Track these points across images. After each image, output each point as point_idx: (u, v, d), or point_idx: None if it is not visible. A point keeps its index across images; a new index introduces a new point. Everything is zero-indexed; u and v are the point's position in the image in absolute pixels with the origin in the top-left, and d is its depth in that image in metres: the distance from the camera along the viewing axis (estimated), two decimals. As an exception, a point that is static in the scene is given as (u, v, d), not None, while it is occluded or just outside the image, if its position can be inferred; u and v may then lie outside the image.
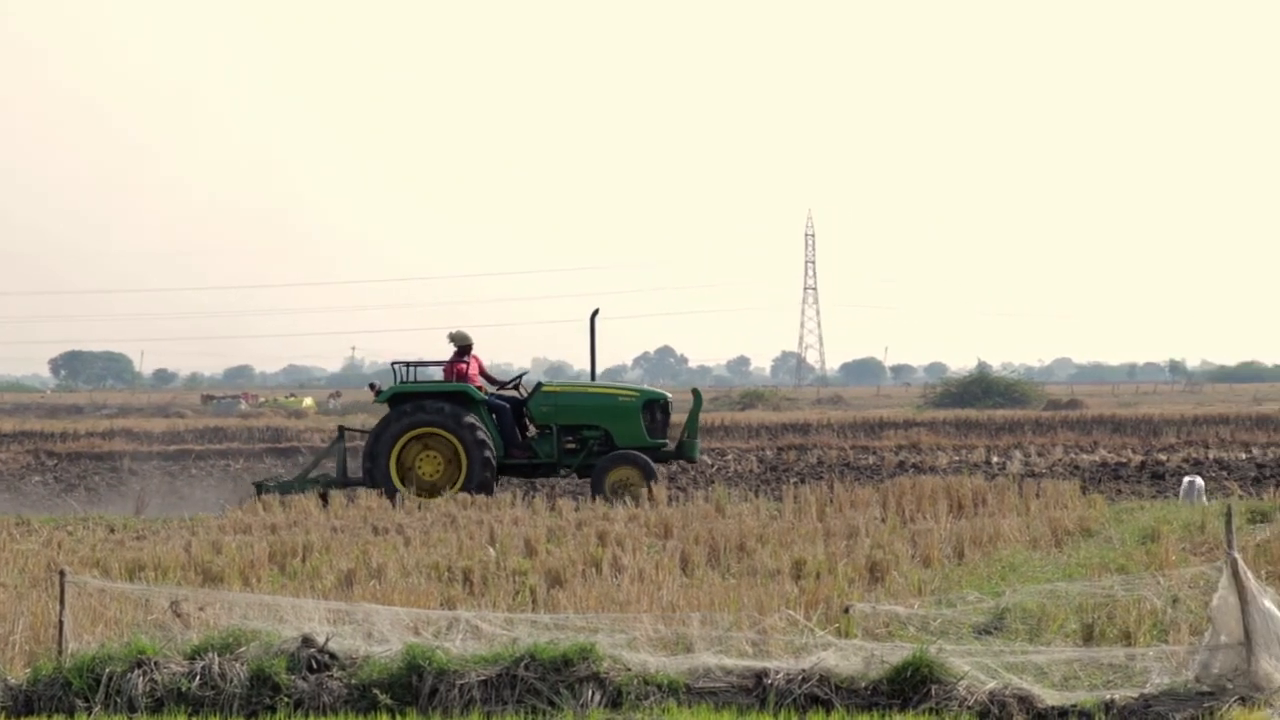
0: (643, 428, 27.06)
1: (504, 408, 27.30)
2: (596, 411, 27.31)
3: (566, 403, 27.55)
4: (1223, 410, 62.66)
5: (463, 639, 11.59)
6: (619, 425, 27.08)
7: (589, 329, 28.07)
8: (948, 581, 15.11)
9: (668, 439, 27.62)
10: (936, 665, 10.47)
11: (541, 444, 27.24)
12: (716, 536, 18.27)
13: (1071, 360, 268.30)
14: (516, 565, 16.46)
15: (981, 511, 21.72)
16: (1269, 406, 66.90)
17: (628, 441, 26.93)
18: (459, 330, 27.73)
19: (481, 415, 26.77)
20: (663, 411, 27.63)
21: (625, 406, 27.29)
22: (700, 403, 28.74)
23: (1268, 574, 14.21)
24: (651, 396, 27.74)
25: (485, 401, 27.06)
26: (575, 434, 27.32)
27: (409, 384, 27.38)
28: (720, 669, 10.77)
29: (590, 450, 27.06)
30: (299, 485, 27.29)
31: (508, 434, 27.10)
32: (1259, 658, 9.68)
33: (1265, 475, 31.36)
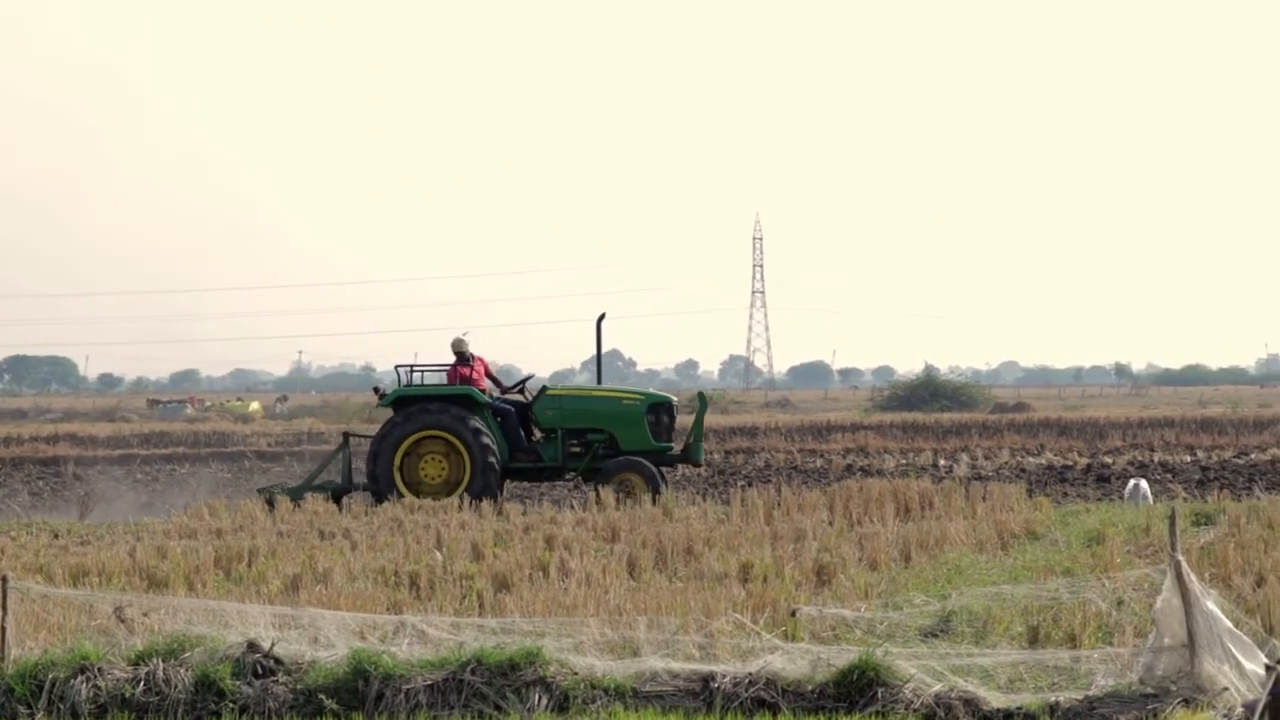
0: (647, 431, 26.97)
1: (509, 411, 27.18)
2: (601, 415, 27.18)
3: (571, 406, 27.35)
4: (1168, 413, 63.08)
5: (409, 643, 11.56)
6: (624, 429, 26.98)
7: (595, 333, 27.98)
8: (894, 584, 15.15)
9: (673, 442, 27.61)
10: (883, 668, 10.49)
11: (546, 448, 27.09)
12: (664, 540, 18.26)
13: (1018, 364, 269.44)
14: (463, 569, 16.41)
15: (928, 514, 21.77)
16: (1213, 410, 67.35)
17: (632, 445, 26.83)
18: (457, 337, 27.71)
19: (486, 419, 26.64)
20: (668, 415, 27.56)
21: (630, 410, 27.19)
22: (705, 406, 28.63)
23: (1211, 576, 14.29)
24: (656, 400, 27.71)
25: (490, 405, 26.94)
26: (580, 438, 27.12)
27: (413, 387, 27.24)
28: (667, 672, 10.77)
29: (595, 454, 26.88)
30: (305, 491, 27.16)
31: (512, 438, 26.96)
32: (1202, 659, 9.72)
33: (1209, 478, 31.54)
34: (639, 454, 26.54)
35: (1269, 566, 14.82)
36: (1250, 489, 27.99)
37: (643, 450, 26.66)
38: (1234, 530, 18.61)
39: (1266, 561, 15.14)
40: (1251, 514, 20.20)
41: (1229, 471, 33.41)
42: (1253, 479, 31.04)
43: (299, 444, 50.62)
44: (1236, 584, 14.03)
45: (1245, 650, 9.70)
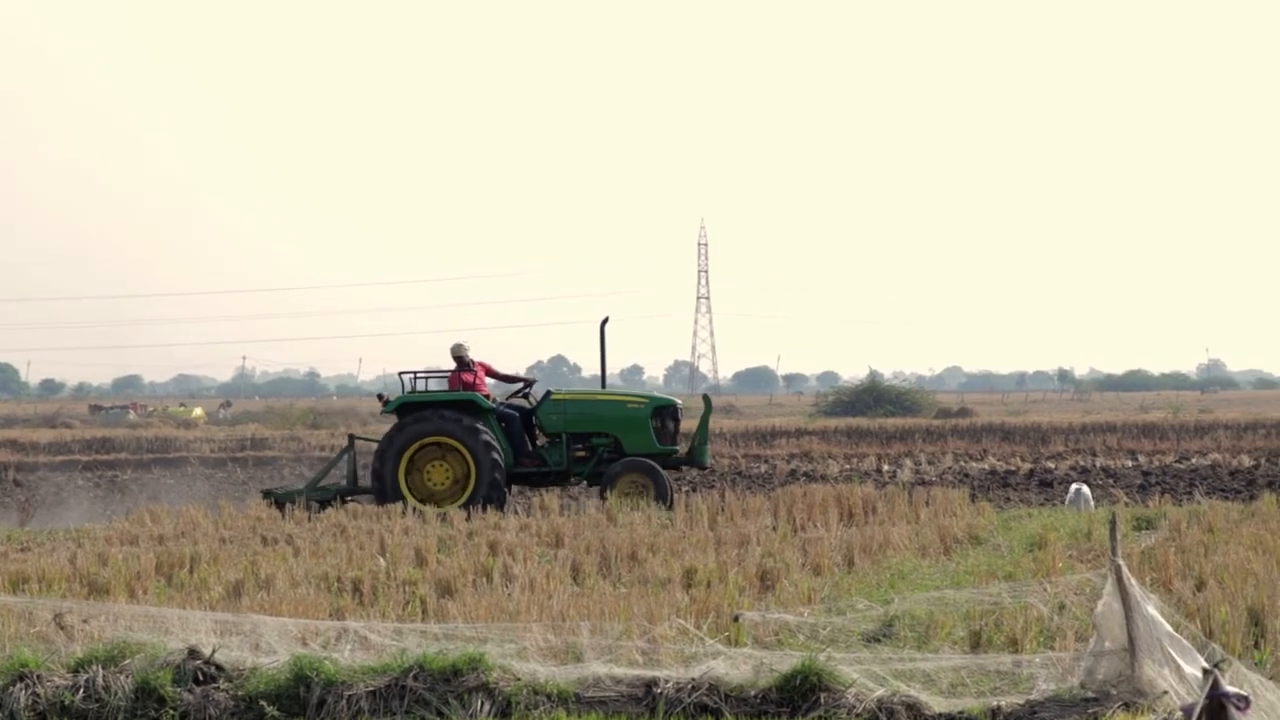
0: (652, 435, 26.98)
1: (513, 416, 27.16)
2: (606, 419, 27.15)
3: (576, 411, 27.32)
4: (1110, 418, 63.35)
5: (351, 649, 11.51)
6: (628, 433, 26.97)
7: (599, 337, 27.95)
8: (838, 589, 15.16)
9: (677, 446, 27.59)
10: (825, 673, 10.50)
11: (551, 452, 27.10)
12: (608, 545, 18.25)
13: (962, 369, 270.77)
14: (407, 575, 16.36)
15: (872, 520, 21.82)
16: (1155, 415, 67.66)
17: (637, 449, 26.82)
18: (456, 343, 27.68)
19: (490, 424, 26.60)
20: (672, 418, 27.56)
21: (634, 414, 27.17)
22: (710, 409, 28.64)
23: (1152, 581, 14.37)
24: (661, 403, 27.69)
25: (494, 410, 26.93)
26: (585, 442, 27.15)
27: (417, 393, 27.24)
28: (610, 678, 10.75)
29: (600, 458, 26.91)
30: (308, 494, 27.07)
31: (517, 443, 26.96)
32: (1142, 663, 9.76)
33: (1151, 483, 31.70)
34: (644, 457, 26.57)
35: (1209, 571, 14.91)
36: (1191, 494, 28.16)
37: (648, 454, 26.68)
38: (1175, 535, 18.72)
39: (1207, 566, 15.23)
40: (1192, 518, 20.33)
41: (1170, 476, 33.58)
42: (1193, 484, 31.22)
43: (242, 450, 50.40)
44: (1177, 588, 14.12)
45: (1185, 654, 9.74)
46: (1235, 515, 20.62)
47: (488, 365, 27.88)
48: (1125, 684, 9.88)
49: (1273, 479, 31.59)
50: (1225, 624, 12.07)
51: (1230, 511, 21.06)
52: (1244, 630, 12.05)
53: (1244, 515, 20.72)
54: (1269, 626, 12.15)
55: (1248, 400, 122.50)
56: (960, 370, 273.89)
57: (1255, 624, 12.39)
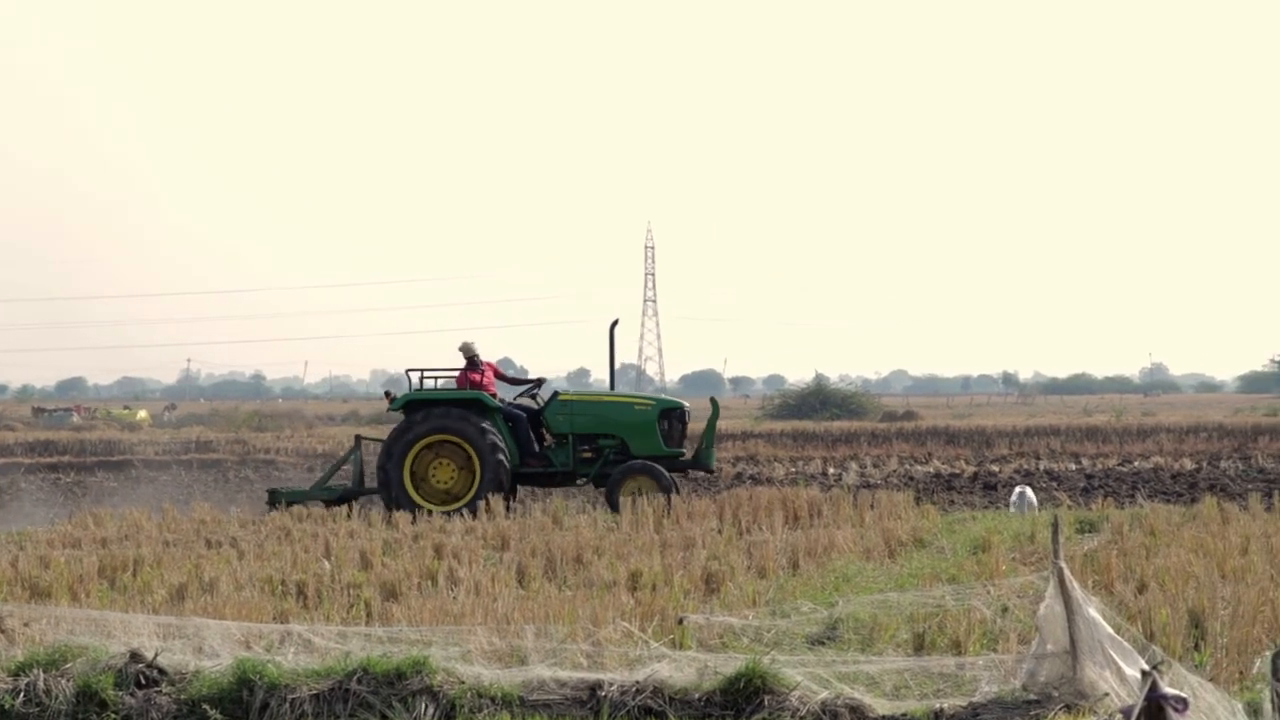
0: (659, 437, 26.99)
1: (520, 416, 27.15)
2: (613, 421, 27.15)
3: (582, 412, 27.32)
4: (1054, 422, 63.68)
5: (295, 653, 11.47)
6: (635, 435, 26.99)
7: (609, 339, 27.89)
8: (782, 592, 15.19)
9: (684, 448, 27.60)
10: (769, 675, 10.51)
11: (557, 453, 27.09)
12: (553, 548, 18.25)
13: (907, 372, 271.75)
14: (351, 578, 16.33)
15: (817, 522, 21.88)
16: (1098, 418, 68.08)
17: (643, 451, 26.84)
18: (466, 342, 27.61)
19: (497, 423, 26.60)
20: (679, 420, 27.55)
21: (641, 416, 27.18)
22: (718, 412, 28.65)
23: (1094, 583, 14.46)
24: (668, 405, 27.70)
25: (501, 409, 26.91)
26: (591, 443, 27.17)
27: (423, 391, 27.14)
28: (554, 681, 10.74)
29: (606, 459, 26.93)
30: (315, 494, 27.04)
31: (523, 442, 26.95)
32: (1083, 665, 9.81)
33: (1094, 486, 31.85)
34: (650, 460, 26.58)
35: (1150, 573, 15.00)
36: (1133, 497, 28.31)
37: (654, 456, 26.70)
38: (1117, 537, 18.83)
39: (1148, 568, 15.32)
40: (1134, 521, 20.47)
41: (1113, 479, 33.74)
42: (1136, 487, 31.38)
43: (187, 452, 50.15)
44: (1119, 590, 14.20)
45: (1126, 656, 9.80)
46: (1177, 518, 20.76)
47: (496, 367, 27.86)
48: (1067, 686, 9.93)
49: (1214, 482, 31.78)
50: (1166, 626, 12.14)
51: (1172, 515, 21.21)
52: (1184, 632, 12.13)
53: (1185, 518, 20.87)
54: (1209, 629, 12.23)
55: (1189, 404, 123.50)
56: (906, 374, 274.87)
57: (1196, 626, 12.47)
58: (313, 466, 44.47)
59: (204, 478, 41.47)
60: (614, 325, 28.05)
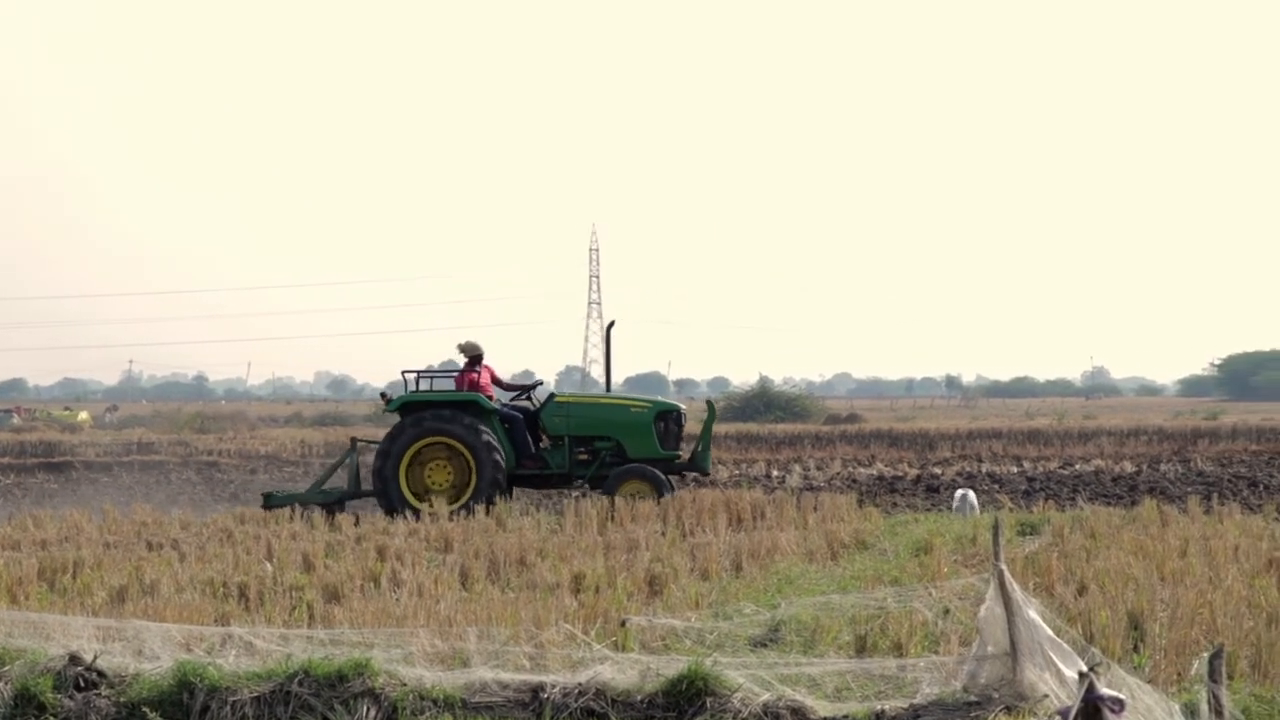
0: (655, 439, 26.96)
1: (516, 418, 27.07)
2: (609, 423, 27.10)
3: (579, 414, 27.24)
4: (996, 425, 63.96)
5: (236, 655, 11.42)
6: (631, 437, 26.96)
7: (605, 341, 27.81)
8: (725, 594, 15.21)
9: (680, 451, 27.58)
10: (712, 677, 10.51)
11: (554, 455, 27.02)
12: (496, 550, 18.23)
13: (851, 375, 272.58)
14: (294, 580, 16.28)
15: (760, 525, 21.92)
16: (1040, 421, 68.39)
17: (640, 453, 26.82)
18: (469, 341, 27.53)
19: (493, 425, 26.53)
20: (675, 423, 27.51)
21: (638, 418, 27.12)
22: (714, 414, 28.61)
23: (1035, 585, 14.52)
24: (664, 408, 27.62)
25: (497, 411, 26.83)
26: (587, 445, 27.13)
27: (419, 393, 27.06)
28: (497, 683, 10.73)
29: (603, 461, 26.90)
30: (311, 497, 26.95)
31: (519, 444, 26.88)
32: (1024, 667, 9.86)
33: (1035, 488, 31.99)
34: (646, 462, 26.57)
35: (1091, 576, 15.09)
36: (1074, 499, 28.45)
37: (650, 458, 26.69)
38: (1057, 540, 18.92)
39: (1088, 571, 15.41)
40: (1075, 524, 20.57)
41: (1054, 482, 33.91)
42: (1076, 489, 31.53)
43: (128, 454, 49.84)
44: (1059, 593, 14.28)
45: (1065, 658, 9.85)
46: (1117, 521, 20.87)
47: (493, 371, 27.80)
48: (1007, 687, 9.97)
49: (1153, 485, 31.97)
50: (1106, 628, 12.22)
51: (1112, 517, 21.32)
52: (1124, 634, 12.21)
53: (1125, 521, 20.99)
54: (1148, 630, 12.32)
55: (1130, 407, 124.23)
56: (850, 376, 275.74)
57: (1135, 628, 12.56)
58: (255, 469, 44.31)
59: (145, 479, 41.24)
60: (610, 327, 28.02)
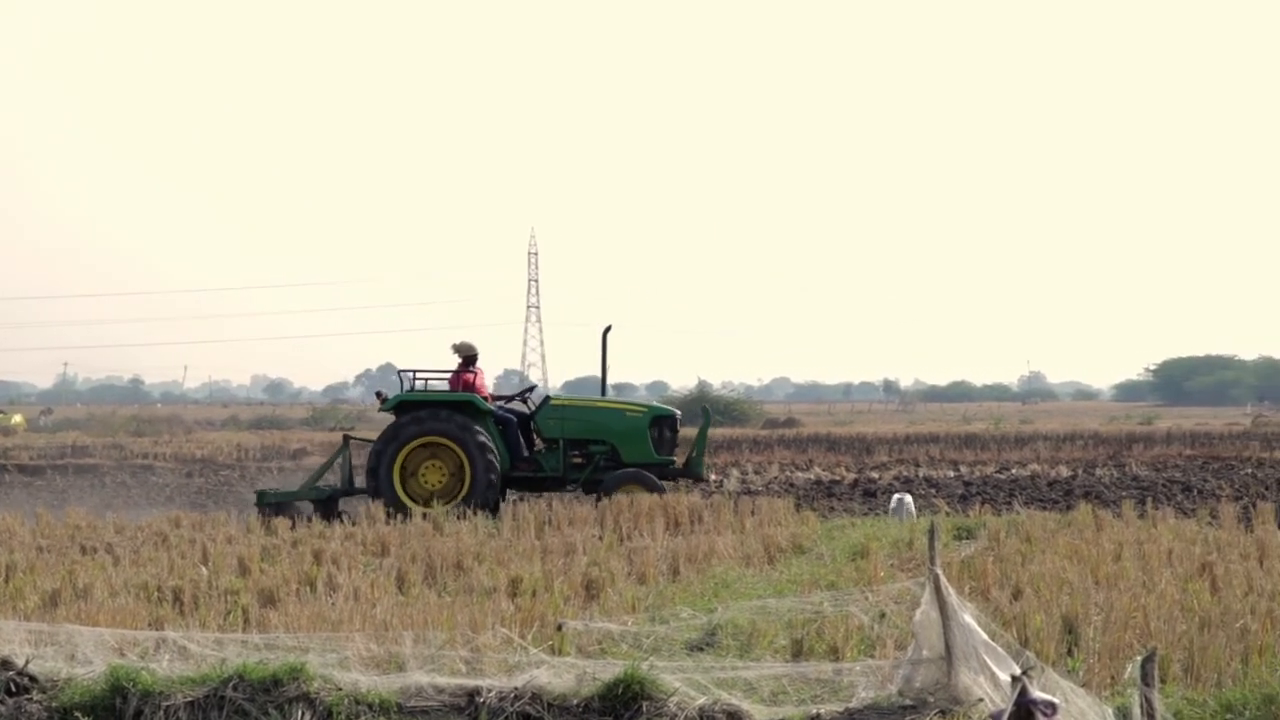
0: (650, 444, 26.98)
1: (511, 420, 27.06)
2: (604, 427, 27.10)
3: (574, 417, 27.24)
4: (933, 429, 64.24)
5: (170, 660, 11.35)
6: (626, 441, 26.96)
7: (601, 345, 27.73)
8: (662, 598, 15.21)
9: (675, 456, 27.56)
10: (648, 682, 10.50)
11: (548, 458, 27.02)
12: (433, 554, 18.19)
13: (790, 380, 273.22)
14: (229, 584, 16.20)
15: (698, 529, 21.93)
16: (977, 426, 68.73)
17: (634, 458, 26.83)
18: (464, 341, 27.45)
19: (488, 426, 26.47)
20: (670, 428, 27.50)
21: (633, 422, 27.11)
22: (709, 420, 28.65)
23: (971, 589, 14.59)
24: (660, 413, 27.60)
25: (492, 413, 26.78)
26: (582, 449, 27.13)
27: (414, 393, 26.97)
28: (432, 687, 10.69)
29: (597, 465, 26.87)
30: (304, 495, 26.88)
31: (514, 446, 26.88)
32: (958, 671, 9.90)
33: (972, 493, 32.11)
34: (641, 467, 26.54)
35: (1026, 580, 15.17)
36: (1010, 504, 28.58)
37: (645, 463, 26.69)
38: (993, 544, 19.01)
39: (1024, 575, 15.49)
40: (1011, 528, 20.65)
41: (990, 486, 34.07)
42: (1013, 494, 31.69)
43: (63, 457, 49.49)
44: (995, 596, 14.35)
45: (1000, 661, 9.89)
46: (1052, 525, 20.98)
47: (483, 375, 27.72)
48: (942, 691, 10.01)
49: (1089, 490, 32.16)
50: (1040, 632, 12.28)
51: (1047, 521, 21.42)
52: (1058, 638, 12.27)
53: (1060, 525, 21.09)
54: (1082, 634, 12.38)
55: (1066, 411, 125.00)
56: (788, 381, 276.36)
57: (1069, 632, 12.62)
58: (191, 472, 44.05)
59: (80, 483, 40.94)
60: (606, 331, 27.97)
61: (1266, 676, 10.89)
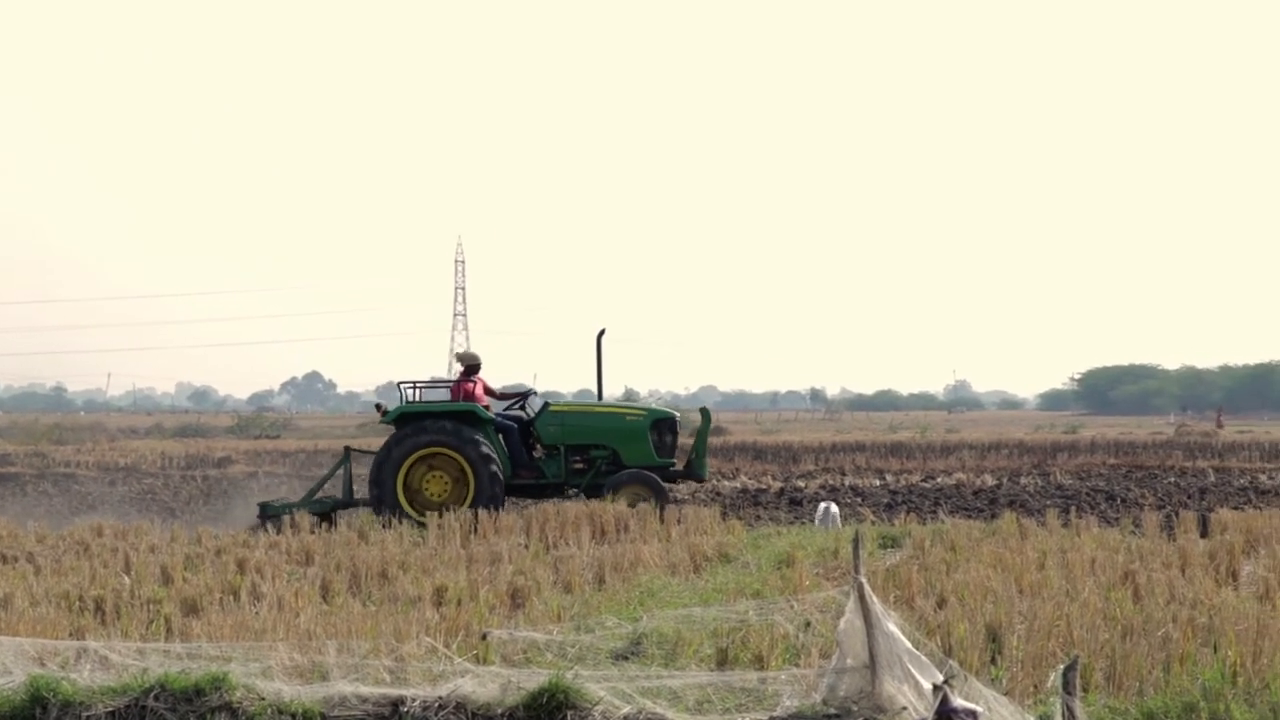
0: (651, 447, 27.06)
1: (511, 427, 27.07)
2: (604, 431, 27.16)
3: (574, 422, 27.30)
4: (860, 438, 64.30)
5: (91, 670, 11.26)
6: (627, 445, 27.03)
7: (595, 349, 27.63)
8: (587, 607, 15.20)
9: (675, 459, 27.54)
10: (573, 691, 10.49)
11: (549, 464, 27.07)
12: (358, 563, 18.12)
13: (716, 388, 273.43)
14: (151, 594, 16.09)
15: (624, 538, 21.91)
16: (903, 434, 68.90)
17: (635, 461, 26.92)
18: (467, 350, 27.43)
19: (489, 435, 26.48)
20: (670, 431, 27.54)
21: (633, 426, 27.19)
22: (709, 422, 28.50)
23: (896, 598, 14.64)
24: (660, 416, 27.63)
25: (492, 421, 26.75)
26: (583, 454, 27.18)
27: (415, 404, 27.02)
28: (356, 697, 10.65)
29: (598, 470, 26.90)
30: (306, 506, 26.72)
31: (515, 454, 26.92)
32: (882, 679, 9.92)
33: (897, 501, 32.22)
34: (642, 469, 26.59)
35: (950, 588, 15.22)
36: (935, 512, 28.71)
37: (646, 466, 26.75)
38: (918, 553, 19.07)
39: (948, 584, 15.54)
40: (936, 537, 20.74)
41: (916, 495, 34.18)
42: (938, 502, 31.82)
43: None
44: (919, 605, 14.39)
45: (924, 670, 9.93)
46: (977, 534, 21.07)
47: (485, 382, 27.64)
48: (866, 700, 10.03)
49: (1013, 498, 32.32)
50: (964, 640, 12.32)
51: (972, 530, 21.52)
52: (982, 646, 12.31)
53: (985, 534, 21.19)
54: (1006, 642, 12.43)
55: (992, 420, 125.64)
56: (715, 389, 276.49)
57: (993, 640, 12.67)
58: (114, 480, 43.72)
59: (1, 491, 40.60)
60: (600, 335, 27.93)
61: (1187, 685, 10.95)
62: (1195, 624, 12.90)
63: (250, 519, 28.08)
